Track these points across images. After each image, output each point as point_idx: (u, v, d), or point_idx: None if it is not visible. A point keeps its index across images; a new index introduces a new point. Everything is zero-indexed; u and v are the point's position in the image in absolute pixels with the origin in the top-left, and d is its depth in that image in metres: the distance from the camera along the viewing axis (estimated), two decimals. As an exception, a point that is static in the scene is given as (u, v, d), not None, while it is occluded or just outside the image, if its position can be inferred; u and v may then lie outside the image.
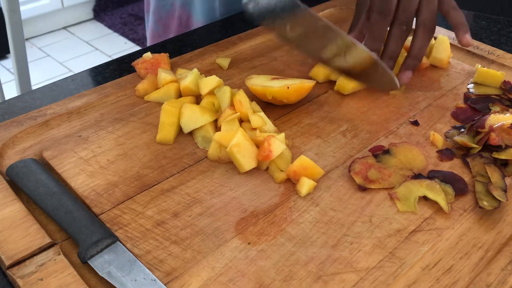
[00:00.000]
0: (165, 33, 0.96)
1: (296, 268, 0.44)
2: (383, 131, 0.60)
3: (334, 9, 0.85)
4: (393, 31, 0.63)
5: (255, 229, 0.47)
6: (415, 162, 0.54)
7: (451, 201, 0.50)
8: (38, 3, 2.70)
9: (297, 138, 0.58)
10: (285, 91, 0.59)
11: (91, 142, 0.57)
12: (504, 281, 0.43)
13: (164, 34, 0.96)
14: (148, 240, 0.46)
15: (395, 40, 0.63)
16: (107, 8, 3.03)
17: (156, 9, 0.94)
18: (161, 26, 0.96)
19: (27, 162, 0.51)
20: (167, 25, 0.95)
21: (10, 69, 2.48)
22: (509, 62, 0.71)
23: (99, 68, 0.72)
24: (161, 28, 0.96)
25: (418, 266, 0.44)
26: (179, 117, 0.57)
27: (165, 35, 0.96)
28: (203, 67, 0.70)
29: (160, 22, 0.95)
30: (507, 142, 0.55)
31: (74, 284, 0.41)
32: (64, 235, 0.46)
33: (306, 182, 0.50)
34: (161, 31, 0.96)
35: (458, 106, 0.64)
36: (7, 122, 0.58)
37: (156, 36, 0.97)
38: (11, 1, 1.37)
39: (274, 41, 0.76)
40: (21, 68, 1.49)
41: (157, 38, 0.97)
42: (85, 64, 2.48)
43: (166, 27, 0.95)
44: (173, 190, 0.51)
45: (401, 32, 0.63)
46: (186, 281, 0.43)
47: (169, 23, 0.95)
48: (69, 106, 0.61)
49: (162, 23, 0.95)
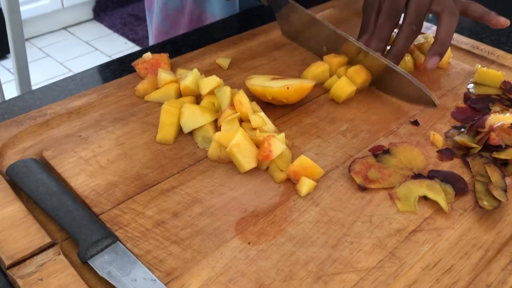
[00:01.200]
0: (173, 30, 0.94)
1: (296, 268, 0.44)
2: (383, 131, 0.60)
3: (334, 10, 0.85)
4: (403, 30, 0.63)
5: (255, 229, 0.47)
6: (415, 162, 0.54)
7: (451, 201, 0.50)
8: (38, 3, 2.70)
9: (297, 138, 0.58)
10: (285, 91, 0.59)
11: (91, 142, 0.57)
12: (504, 281, 0.43)
13: (173, 31, 0.94)
14: (148, 240, 0.46)
15: (403, 39, 0.63)
16: (107, 8, 3.03)
17: (164, 6, 0.92)
18: (168, 23, 0.93)
19: (27, 162, 0.51)
20: (175, 21, 0.93)
21: (10, 69, 2.48)
22: (509, 62, 0.71)
23: (99, 68, 0.72)
24: (169, 25, 0.94)
25: (418, 266, 0.44)
26: (179, 117, 0.57)
27: (173, 31, 0.94)
28: (203, 67, 0.70)
29: (167, 19, 0.93)
30: (507, 142, 0.55)
31: (74, 284, 0.41)
32: (64, 235, 0.46)
33: (306, 182, 0.50)
34: (168, 28, 0.94)
35: (458, 106, 0.64)
36: (7, 122, 0.58)
37: (163, 33, 0.95)
38: (11, 1, 1.37)
39: (274, 41, 0.76)
40: (21, 68, 1.49)
41: (164, 36, 0.94)
42: (85, 64, 2.48)
43: (175, 23, 0.93)
44: (173, 190, 0.51)
45: (410, 31, 0.63)
46: (186, 281, 0.42)
47: (178, 19, 0.93)
48: (69, 106, 0.61)
49: (170, 20, 0.93)
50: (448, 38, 0.63)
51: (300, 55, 0.73)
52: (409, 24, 0.63)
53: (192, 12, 0.91)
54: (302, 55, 0.73)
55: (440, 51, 0.63)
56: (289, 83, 0.60)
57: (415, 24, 0.63)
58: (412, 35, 0.63)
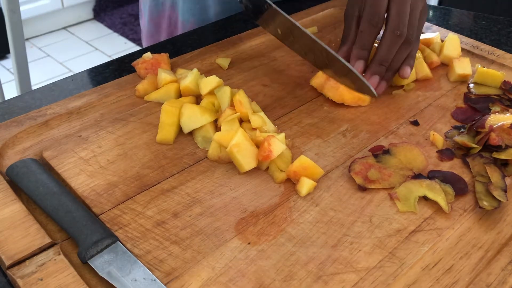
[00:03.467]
0: (157, 33, 0.96)
1: (296, 268, 0.44)
2: (383, 131, 0.60)
3: (334, 9, 0.85)
4: (385, 37, 0.62)
5: (255, 229, 0.47)
6: (415, 162, 0.54)
7: (451, 201, 0.50)
8: (38, 3, 2.70)
9: (297, 138, 0.58)
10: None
11: (91, 142, 0.57)
12: (504, 281, 0.43)
13: (157, 34, 0.96)
14: (148, 240, 0.46)
15: (387, 45, 0.62)
16: (107, 8, 3.02)
17: (150, 8, 0.94)
18: (153, 25, 0.96)
19: (27, 162, 0.51)
20: (159, 24, 0.95)
21: (10, 69, 2.48)
22: (509, 62, 0.71)
23: (99, 68, 0.72)
24: (154, 28, 0.96)
25: (418, 266, 0.44)
26: (179, 117, 0.57)
27: (157, 34, 0.96)
28: (203, 67, 0.70)
29: (153, 21, 0.95)
30: (507, 142, 0.55)
31: (74, 284, 0.41)
32: (64, 235, 0.46)
33: (306, 182, 0.50)
34: (153, 31, 0.96)
35: (458, 106, 0.64)
36: (7, 122, 0.58)
37: (149, 35, 0.97)
38: (11, 1, 1.37)
39: (274, 41, 0.76)
40: (21, 68, 1.49)
41: (151, 38, 0.97)
42: (85, 64, 2.48)
43: (158, 26, 0.95)
44: (173, 190, 0.51)
45: (394, 37, 0.61)
46: (186, 281, 0.43)
47: (160, 22, 0.95)
48: (69, 106, 0.61)
49: (155, 23, 0.95)
50: (387, 57, 0.63)
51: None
52: (392, 30, 0.61)
53: (170, 16, 0.92)
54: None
55: (379, 71, 0.63)
56: None
57: (398, 29, 0.61)
58: (396, 40, 0.62)
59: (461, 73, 0.67)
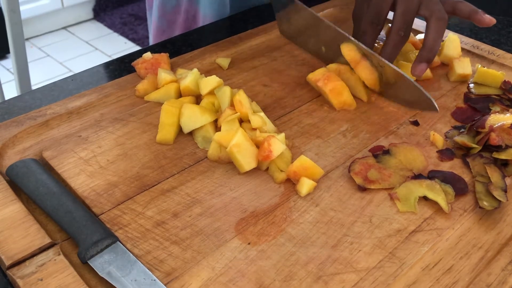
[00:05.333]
0: (169, 29, 0.94)
1: (296, 268, 0.44)
2: (383, 131, 0.60)
3: (334, 9, 0.85)
4: (390, 37, 0.62)
5: (255, 229, 0.47)
6: (415, 162, 0.54)
7: (451, 201, 0.50)
8: (38, 3, 2.70)
9: (297, 138, 0.58)
10: None
11: (91, 142, 0.57)
12: (504, 281, 0.43)
13: (169, 29, 0.94)
14: (148, 240, 0.46)
15: (392, 45, 0.62)
16: (107, 8, 3.02)
17: (161, 4, 0.92)
18: (165, 21, 0.94)
19: (27, 162, 0.51)
20: (172, 20, 0.93)
21: (10, 69, 2.48)
22: (509, 62, 0.71)
23: (99, 68, 0.72)
24: (166, 23, 0.94)
25: (418, 266, 0.44)
26: (179, 117, 0.57)
27: (169, 30, 0.94)
28: (203, 67, 0.70)
29: (164, 17, 0.93)
30: (507, 142, 0.55)
31: (74, 284, 0.41)
32: (64, 235, 0.46)
33: (306, 182, 0.50)
34: (165, 27, 0.94)
35: (458, 106, 0.64)
36: (7, 122, 0.58)
37: (160, 31, 0.95)
38: (11, 1, 1.37)
39: (274, 41, 0.76)
40: (21, 68, 1.49)
41: (162, 34, 0.95)
42: (85, 64, 2.48)
43: (172, 22, 0.93)
44: (173, 190, 0.51)
45: (398, 37, 0.62)
46: (186, 281, 0.42)
47: (175, 18, 0.93)
48: (69, 106, 0.61)
49: (167, 18, 0.93)
50: (436, 43, 0.61)
51: (300, 55, 0.73)
52: (397, 30, 0.62)
53: (188, 11, 0.91)
54: (302, 55, 0.73)
55: (428, 57, 0.62)
56: None
57: (403, 30, 0.61)
58: (401, 41, 0.62)
59: (461, 73, 0.67)
